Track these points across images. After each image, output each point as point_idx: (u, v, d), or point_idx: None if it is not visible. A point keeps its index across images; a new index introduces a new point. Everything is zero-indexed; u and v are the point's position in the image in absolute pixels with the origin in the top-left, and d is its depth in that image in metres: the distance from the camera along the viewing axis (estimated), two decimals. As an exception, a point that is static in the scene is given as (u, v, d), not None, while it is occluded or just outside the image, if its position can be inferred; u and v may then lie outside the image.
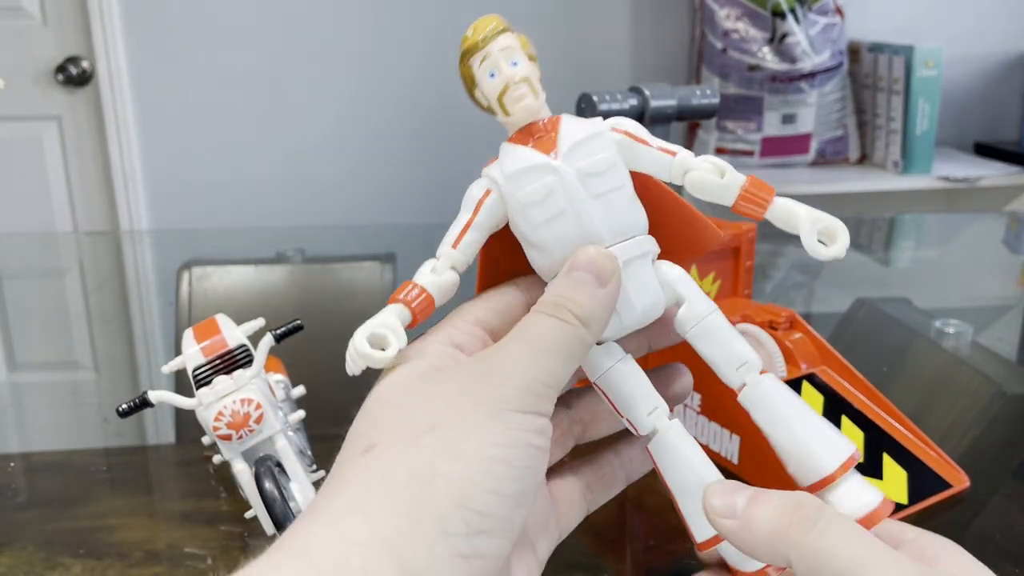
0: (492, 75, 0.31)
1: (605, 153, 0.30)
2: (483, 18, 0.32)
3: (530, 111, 0.31)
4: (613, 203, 0.30)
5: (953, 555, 0.27)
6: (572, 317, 0.28)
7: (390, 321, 0.30)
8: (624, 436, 0.34)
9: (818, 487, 0.29)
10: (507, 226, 0.31)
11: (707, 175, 0.31)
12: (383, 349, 0.29)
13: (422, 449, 0.25)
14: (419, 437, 0.26)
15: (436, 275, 0.31)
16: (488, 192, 0.31)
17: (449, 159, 2.04)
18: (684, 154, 0.31)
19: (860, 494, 0.28)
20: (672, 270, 0.31)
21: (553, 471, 0.34)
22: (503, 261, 0.33)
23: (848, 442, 0.30)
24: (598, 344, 0.31)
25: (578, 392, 0.35)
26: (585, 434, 0.34)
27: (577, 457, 0.35)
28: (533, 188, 0.30)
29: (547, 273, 0.31)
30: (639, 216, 0.31)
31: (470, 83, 0.32)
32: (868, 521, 0.28)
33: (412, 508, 0.24)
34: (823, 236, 0.30)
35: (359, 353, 0.29)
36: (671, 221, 0.32)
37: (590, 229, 0.30)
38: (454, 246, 0.31)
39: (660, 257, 0.32)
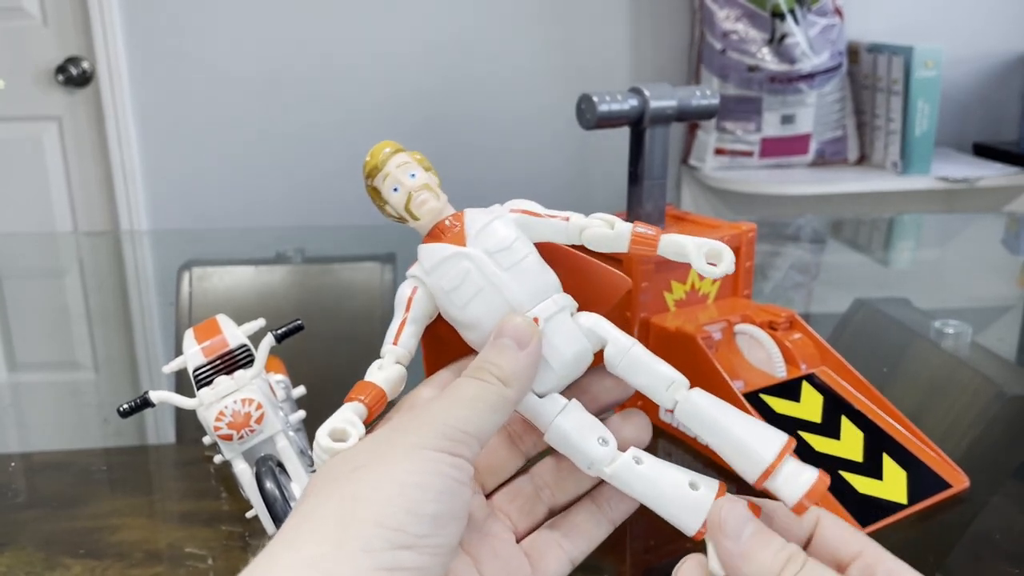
0: (395, 189, 0.35)
1: (507, 231, 0.34)
2: (377, 144, 0.36)
3: (434, 212, 0.35)
4: (524, 271, 0.34)
5: None
6: (492, 378, 0.31)
7: (348, 416, 0.32)
8: (600, 481, 0.35)
9: (763, 478, 0.31)
10: (440, 316, 0.35)
11: (599, 230, 0.35)
12: (344, 441, 0.31)
13: (344, 485, 0.28)
14: (344, 476, 0.28)
15: (383, 371, 0.34)
16: (415, 289, 0.35)
17: (449, 160, 2.04)
18: (576, 217, 0.35)
19: (799, 474, 0.30)
20: (589, 318, 0.34)
21: (526, 533, 0.35)
22: (446, 344, 0.36)
23: (779, 432, 0.32)
24: (540, 397, 0.33)
25: (537, 459, 0.37)
26: (555, 497, 0.36)
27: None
28: (452, 274, 0.33)
29: (479, 345, 0.33)
30: (550, 278, 0.34)
31: (379, 200, 0.36)
32: (812, 495, 0.30)
33: (335, 532, 0.26)
34: (711, 258, 0.33)
35: (322, 448, 0.31)
36: (581, 277, 0.36)
37: (509, 297, 0.33)
38: (395, 343, 0.34)
39: (579, 310, 0.35)
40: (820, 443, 0.53)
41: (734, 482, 0.32)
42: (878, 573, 0.29)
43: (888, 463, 0.53)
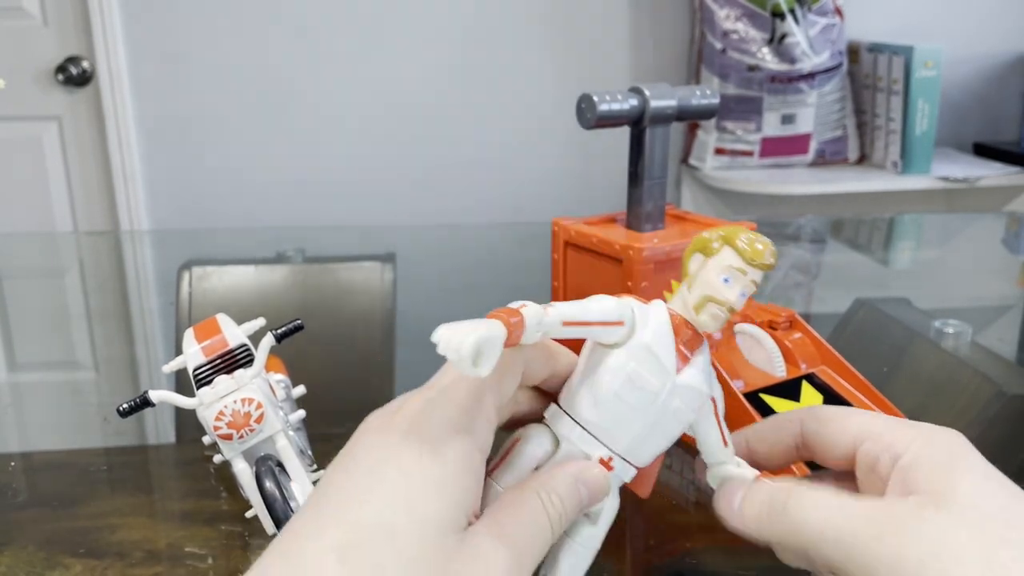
0: (726, 280, 0.31)
1: (693, 414, 0.33)
2: (770, 246, 0.32)
3: (706, 329, 0.32)
4: (657, 441, 0.32)
5: (927, 467, 0.30)
6: (559, 526, 0.30)
7: (499, 345, 0.28)
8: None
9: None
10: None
11: (730, 469, 0.35)
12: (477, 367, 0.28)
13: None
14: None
15: (536, 328, 0.30)
16: (621, 323, 0.31)
17: (449, 159, 2.04)
18: (728, 452, 0.35)
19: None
20: (615, 501, 0.34)
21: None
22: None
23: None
24: None
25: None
26: None
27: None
28: (643, 375, 0.31)
29: (573, 406, 0.32)
30: (652, 459, 0.33)
31: (707, 251, 0.32)
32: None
33: None
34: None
35: (459, 354, 0.27)
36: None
37: (629, 439, 0.32)
38: (564, 324, 0.30)
39: None
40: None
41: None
42: (875, 451, 0.31)
43: (888, 463, 0.53)
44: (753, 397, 0.55)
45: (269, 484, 0.42)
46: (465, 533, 0.28)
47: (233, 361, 0.45)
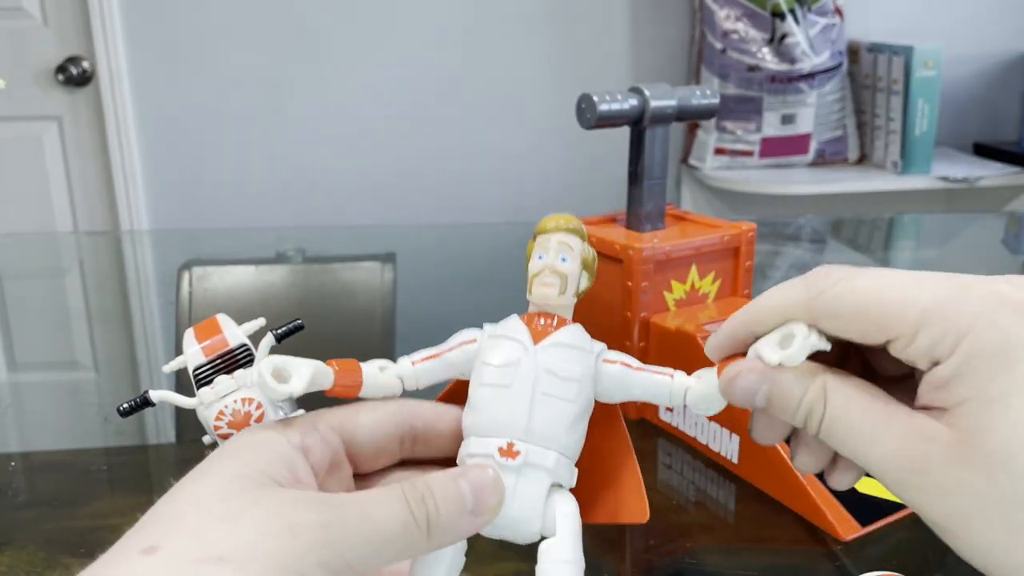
0: (540, 257, 0.32)
1: (577, 367, 0.31)
2: (565, 215, 0.33)
3: (545, 299, 0.32)
4: (551, 409, 0.31)
5: (968, 325, 0.26)
6: (424, 522, 0.28)
7: (304, 370, 0.30)
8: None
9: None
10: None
11: (701, 385, 0.32)
12: (285, 383, 0.30)
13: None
14: (202, 562, 0.25)
15: (380, 372, 0.32)
16: (473, 340, 0.33)
17: (449, 159, 2.04)
18: (680, 376, 0.32)
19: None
20: (567, 505, 0.31)
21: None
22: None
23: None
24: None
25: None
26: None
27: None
28: (499, 352, 0.31)
29: (466, 428, 0.32)
30: (571, 439, 0.31)
31: (527, 255, 0.33)
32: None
33: None
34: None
35: (259, 375, 0.30)
36: (612, 477, 0.33)
37: (517, 414, 0.30)
38: (413, 363, 0.33)
39: (580, 498, 0.32)
40: (820, 443, 0.53)
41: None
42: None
43: (888, 463, 0.53)
44: (753, 397, 0.55)
45: (269, 484, 0.42)
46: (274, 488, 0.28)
47: (233, 361, 0.45)
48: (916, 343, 0.26)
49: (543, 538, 0.31)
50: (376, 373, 0.32)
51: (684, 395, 0.32)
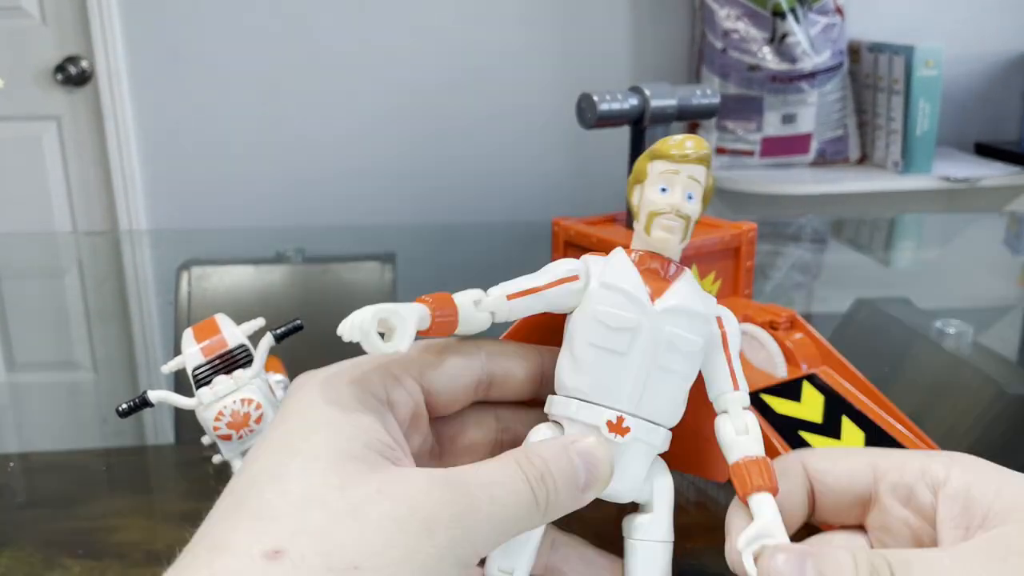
0: (664, 190, 0.29)
1: (696, 337, 0.29)
2: (696, 138, 0.29)
3: (666, 246, 0.29)
4: (666, 385, 0.29)
5: (994, 493, 0.26)
6: (544, 501, 0.27)
7: (407, 317, 0.27)
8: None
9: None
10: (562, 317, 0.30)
11: (727, 427, 0.29)
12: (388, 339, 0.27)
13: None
14: (337, 572, 0.23)
15: (474, 307, 0.29)
16: (576, 278, 0.29)
17: (449, 159, 2.04)
18: (739, 396, 0.30)
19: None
20: (664, 477, 0.30)
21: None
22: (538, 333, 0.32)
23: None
24: None
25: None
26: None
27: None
28: (616, 313, 0.28)
29: (562, 383, 0.29)
30: (676, 413, 0.30)
31: (640, 176, 0.30)
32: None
33: None
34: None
35: (361, 329, 0.26)
36: (698, 431, 0.31)
37: (628, 388, 0.28)
38: (508, 296, 0.29)
39: (670, 459, 0.30)
40: (821, 443, 0.53)
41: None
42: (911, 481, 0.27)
43: (889, 463, 0.53)
44: (754, 397, 0.55)
45: (268, 485, 0.42)
46: (385, 463, 0.26)
47: (232, 361, 0.44)
48: None
49: (633, 503, 0.30)
50: (471, 308, 0.29)
51: (721, 410, 0.30)
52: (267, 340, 0.44)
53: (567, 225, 0.63)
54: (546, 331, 0.32)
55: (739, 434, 0.29)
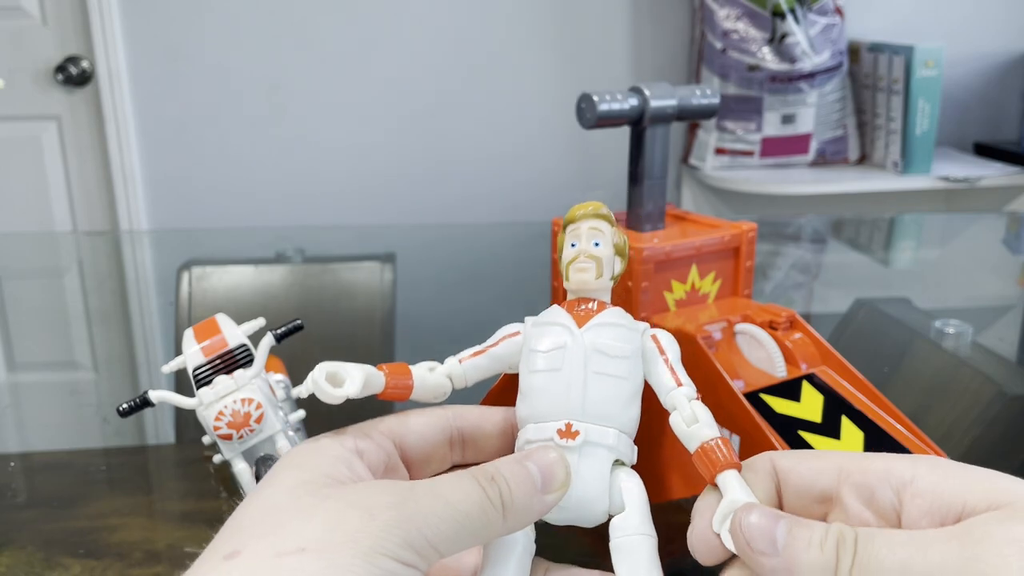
0: (573, 245, 0.33)
1: (624, 344, 0.32)
2: (592, 202, 0.34)
3: (583, 284, 0.32)
4: (605, 387, 0.31)
5: (960, 486, 0.26)
6: (498, 500, 0.28)
7: (356, 374, 0.31)
8: None
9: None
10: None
11: (678, 421, 0.31)
12: (340, 387, 0.31)
13: (282, 570, 0.24)
14: (284, 556, 0.25)
15: (429, 372, 0.33)
16: (517, 333, 0.33)
17: (449, 159, 2.04)
18: (683, 390, 0.31)
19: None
20: (630, 479, 0.31)
21: None
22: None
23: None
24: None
25: None
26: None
27: None
28: (547, 338, 0.32)
29: (521, 419, 0.32)
30: (628, 415, 0.31)
31: (560, 248, 0.34)
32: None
33: None
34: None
35: (313, 381, 0.30)
36: (681, 453, 0.32)
37: (572, 396, 0.31)
38: (460, 360, 0.33)
39: (654, 476, 0.32)
40: (820, 443, 0.53)
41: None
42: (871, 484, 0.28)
43: (889, 463, 0.53)
44: (753, 397, 0.55)
45: (269, 484, 0.42)
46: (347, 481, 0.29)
47: (233, 361, 0.44)
48: None
49: (611, 518, 0.31)
50: (425, 374, 0.32)
51: (671, 408, 0.31)
52: (267, 340, 0.44)
53: (567, 225, 0.63)
54: (512, 395, 0.34)
55: (690, 424, 0.30)
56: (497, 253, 1.17)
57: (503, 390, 0.35)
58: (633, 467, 0.32)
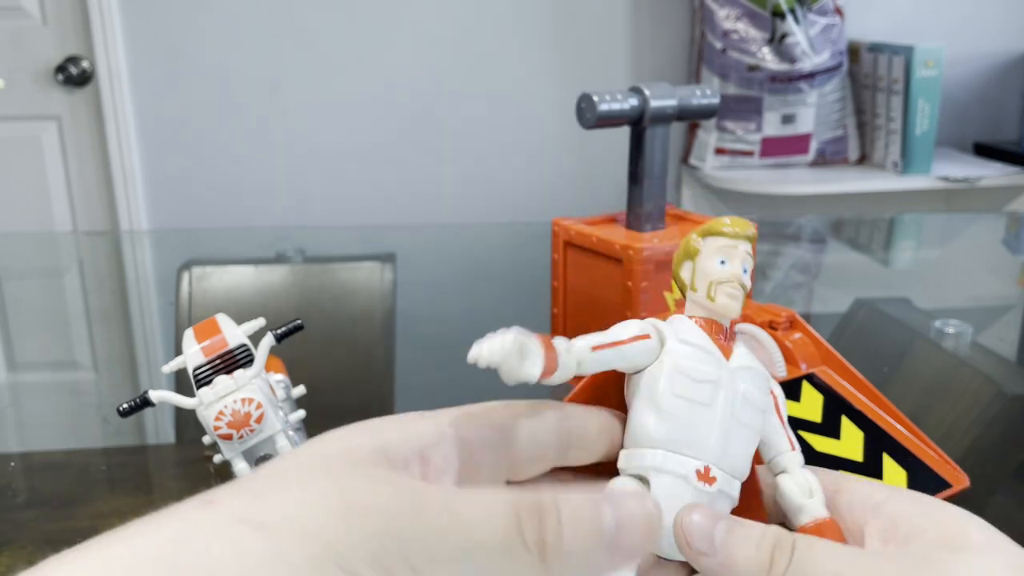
0: (723, 262, 0.31)
1: (764, 396, 0.30)
2: (745, 221, 0.32)
3: (730, 312, 0.31)
4: (743, 439, 0.29)
5: (921, 514, 0.27)
6: (536, 541, 0.23)
7: (537, 354, 0.27)
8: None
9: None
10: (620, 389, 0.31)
11: (792, 488, 0.30)
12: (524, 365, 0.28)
13: (225, 538, 0.22)
14: (239, 523, 0.22)
15: (567, 354, 0.29)
16: (648, 336, 0.30)
17: (449, 159, 2.04)
18: (797, 456, 0.31)
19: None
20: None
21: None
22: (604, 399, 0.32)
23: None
24: None
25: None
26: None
27: None
28: (698, 365, 0.29)
29: (647, 435, 0.29)
30: (747, 467, 0.30)
31: (690, 254, 0.31)
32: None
33: None
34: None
35: (503, 350, 0.26)
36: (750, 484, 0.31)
37: (713, 440, 0.28)
38: (593, 349, 0.29)
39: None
40: (820, 443, 0.53)
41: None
42: (855, 503, 0.28)
43: (888, 463, 0.53)
44: (753, 397, 0.55)
45: (269, 484, 0.42)
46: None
47: (233, 361, 0.44)
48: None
49: None
50: (564, 353, 0.28)
51: (779, 471, 0.30)
52: (268, 340, 0.44)
53: (567, 225, 0.63)
54: (602, 396, 0.32)
55: (806, 497, 0.30)
56: (497, 253, 1.17)
57: (591, 390, 0.32)
58: None
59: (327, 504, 0.22)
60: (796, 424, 0.54)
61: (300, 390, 0.53)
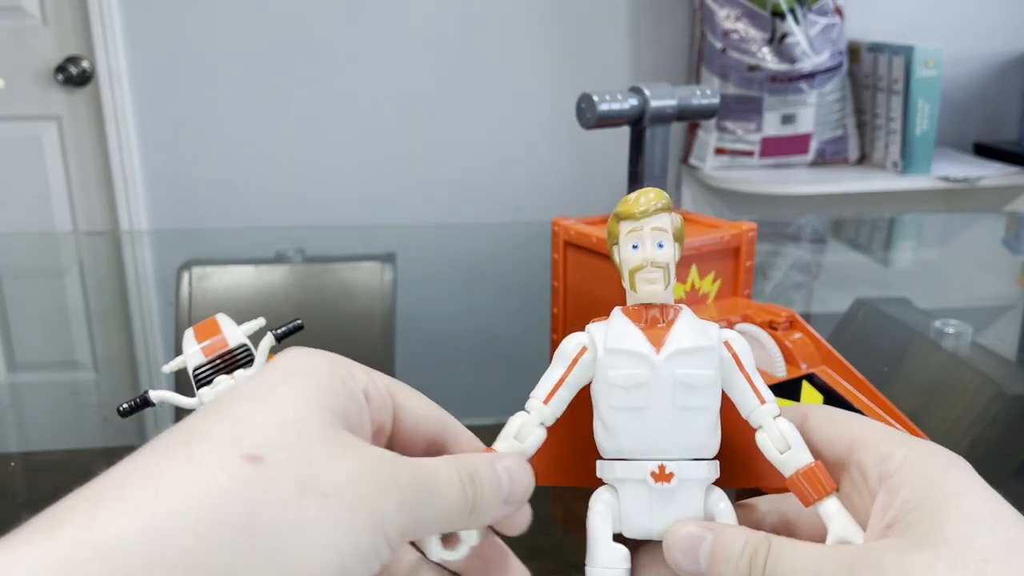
0: (635, 247, 0.31)
1: (708, 371, 0.30)
2: (651, 191, 0.31)
3: (654, 296, 0.31)
4: (694, 421, 0.30)
5: (927, 507, 0.27)
6: (472, 500, 0.27)
7: (473, 532, 0.29)
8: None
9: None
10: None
11: (768, 445, 0.30)
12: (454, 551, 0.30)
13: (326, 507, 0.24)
14: (308, 494, 0.23)
15: (521, 441, 0.30)
16: (584, 350, 0.31)
17: (449, 159, 2.04)
18: (768, 408, 0.30)
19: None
20: (722, 502, 0.30)
21: None
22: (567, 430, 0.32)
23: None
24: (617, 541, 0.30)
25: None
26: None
27: None
28: (625, 374, 0.30)
29: (602, 448, 0.30)
30: (714, 441, 0.30)
31: (613, 237, 0.32)
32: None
33: None
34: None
35: (433, 555, 0.29)
36: (748, 443, 0.31)
37: (659, 437, 0.29)
38: (546, 401, 0.31)
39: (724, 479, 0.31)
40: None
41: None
42: (864, 460, 0.28)
43: (888, 463, 0.53)
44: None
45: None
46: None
47: (233, 361, 0.44)
48: None
49: None
50: (524, 448, 0.30)
51: (757, 426, 0.30)
52: (268, 340, 0.44)
53: (567, 225, 0.63)
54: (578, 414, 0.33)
55: (783, 451, 0.30)
56: (497, 253, 1.17)
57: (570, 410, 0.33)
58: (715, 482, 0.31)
59: (373, 476, 0.24)
60: (796, 424, 0.54)
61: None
